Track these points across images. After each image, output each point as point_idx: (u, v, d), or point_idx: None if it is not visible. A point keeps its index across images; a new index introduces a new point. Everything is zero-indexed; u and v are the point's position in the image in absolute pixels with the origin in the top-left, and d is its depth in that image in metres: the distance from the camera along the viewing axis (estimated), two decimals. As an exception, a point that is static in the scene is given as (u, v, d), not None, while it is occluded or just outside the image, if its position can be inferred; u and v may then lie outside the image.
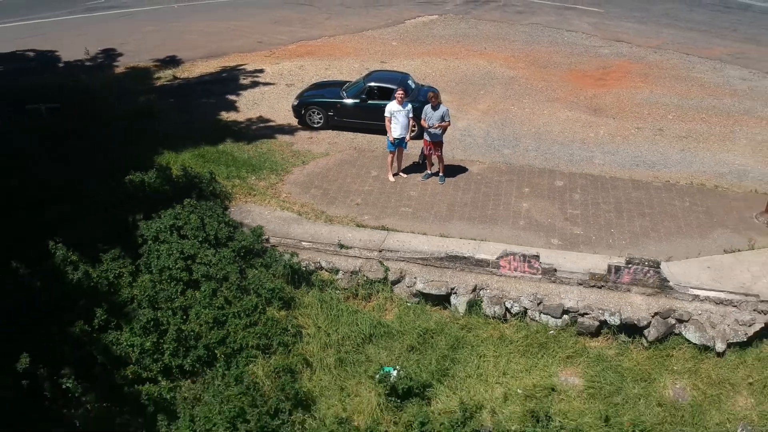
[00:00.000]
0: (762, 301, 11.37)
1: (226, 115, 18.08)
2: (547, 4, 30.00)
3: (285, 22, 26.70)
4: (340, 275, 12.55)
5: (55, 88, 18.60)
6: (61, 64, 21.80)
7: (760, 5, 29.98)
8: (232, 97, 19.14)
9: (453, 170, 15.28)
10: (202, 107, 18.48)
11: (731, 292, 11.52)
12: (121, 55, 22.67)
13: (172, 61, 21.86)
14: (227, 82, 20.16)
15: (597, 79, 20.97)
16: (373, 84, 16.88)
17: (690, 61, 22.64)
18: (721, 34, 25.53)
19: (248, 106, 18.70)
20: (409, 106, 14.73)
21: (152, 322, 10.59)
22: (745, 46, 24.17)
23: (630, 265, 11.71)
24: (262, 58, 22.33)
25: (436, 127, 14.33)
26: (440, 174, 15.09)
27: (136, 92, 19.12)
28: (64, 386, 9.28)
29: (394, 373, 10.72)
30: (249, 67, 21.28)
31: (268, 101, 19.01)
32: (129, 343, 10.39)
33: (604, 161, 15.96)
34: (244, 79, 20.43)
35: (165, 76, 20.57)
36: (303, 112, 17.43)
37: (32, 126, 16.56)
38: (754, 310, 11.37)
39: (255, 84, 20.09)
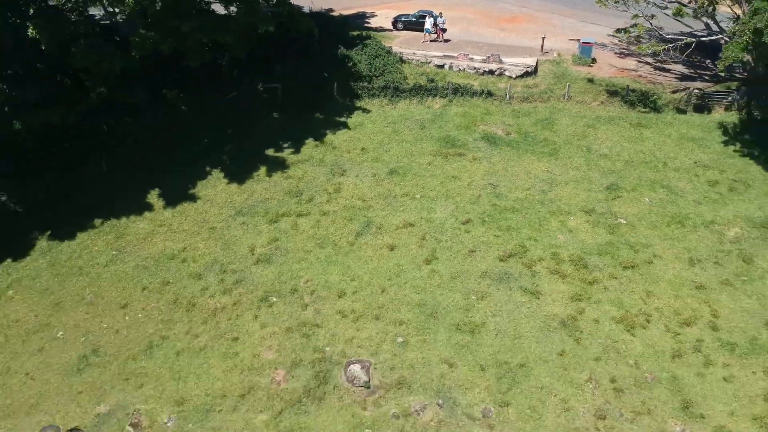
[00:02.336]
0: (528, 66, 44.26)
1: (365, 25, 51.22)
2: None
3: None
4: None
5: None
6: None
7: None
8: (367, 20, 52.28)
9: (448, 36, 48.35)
10: (356, 23, 51.58)
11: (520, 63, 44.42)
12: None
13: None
14: (362, 16, 53.22)
15: (508, 20, 53.78)
16: (417, 14, 49.89)
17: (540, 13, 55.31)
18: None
19: (373, 23, 51.77)
20: (432, 19, 47.65)
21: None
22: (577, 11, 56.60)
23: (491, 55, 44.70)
24: (374, 8, 55.46)
25: (441, 24, 47.28)
26: (443, 39, 47.94)
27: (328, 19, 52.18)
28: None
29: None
30: (370, 11, 54.36)
31: (380, 21, 52.14)
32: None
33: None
34: (369, 15, 53.52)
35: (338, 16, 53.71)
36: (394, 23, 50.51)
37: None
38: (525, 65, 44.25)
39: (373, 15, 53.20)
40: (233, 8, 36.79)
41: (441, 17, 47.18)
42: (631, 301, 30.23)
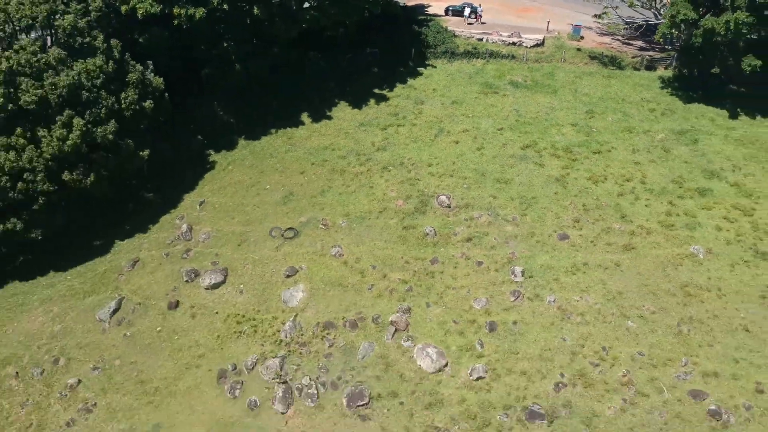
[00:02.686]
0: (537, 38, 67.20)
1: (426, 11, 74.13)
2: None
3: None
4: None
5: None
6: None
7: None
8: (426, 9, 75.20)
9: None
10: (420, 11, 74.45)
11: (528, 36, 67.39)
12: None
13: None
14: (422, 6, 76.08)
15: (522, 10, 76.69)
16: (462, 5, 72.93)
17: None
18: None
19: (430, 11, 74.71)
20: (469, 9, 70.59)
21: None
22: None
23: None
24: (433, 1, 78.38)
25: (480, 12, 70.29)
26: (480, 15, 70.72)
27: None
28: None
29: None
30: (426, 2, 77.11)
31: (434, 10, 75.06)
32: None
33: None
34: (427, 6, 76.36)
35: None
36: (446, 11, 73.44)
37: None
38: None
39: (429, 6, 76.12)
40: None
41: (480, 7, 70.20)
42: (596, 169, 53.13)
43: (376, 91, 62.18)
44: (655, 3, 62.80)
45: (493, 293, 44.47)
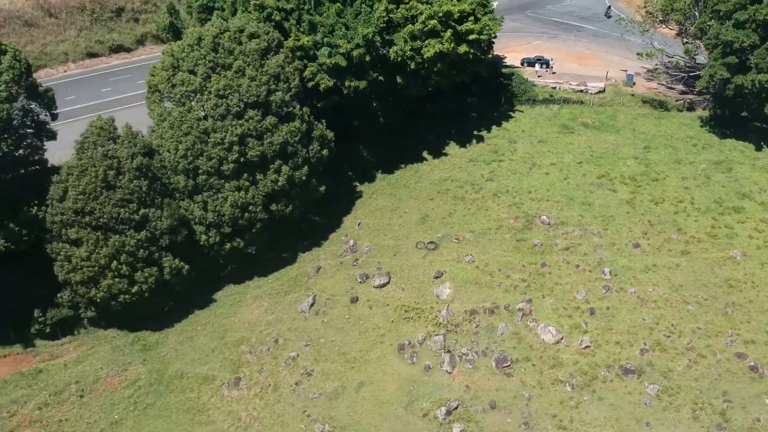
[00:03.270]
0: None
1: (503, 64, 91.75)
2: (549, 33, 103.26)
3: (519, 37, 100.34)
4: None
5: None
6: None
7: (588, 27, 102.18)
8: (504, 61, 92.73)
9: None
10: (499, 63, 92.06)
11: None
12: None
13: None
14: (500, 58, 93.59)
15: (582, 58, 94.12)
16: (535, 57, 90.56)
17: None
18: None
19: (507, 62, 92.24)
20: (539, 63, 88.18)
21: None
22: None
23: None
24: (503, 51, 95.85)
25: (551, 64, 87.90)
26: (552, 67, 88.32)
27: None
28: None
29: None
30: (502, 54, 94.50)
31: (510, 61, 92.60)
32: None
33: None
34: (503, 58, 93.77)
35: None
36: (522, 63, 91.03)
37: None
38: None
39: (505, 57, 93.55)
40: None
41: (551, 60, 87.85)
42: (656, 193, 70.43)
43: (476, 132, 79.89)
44: (694, 57, 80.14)
45: (589, 288, 61.99)
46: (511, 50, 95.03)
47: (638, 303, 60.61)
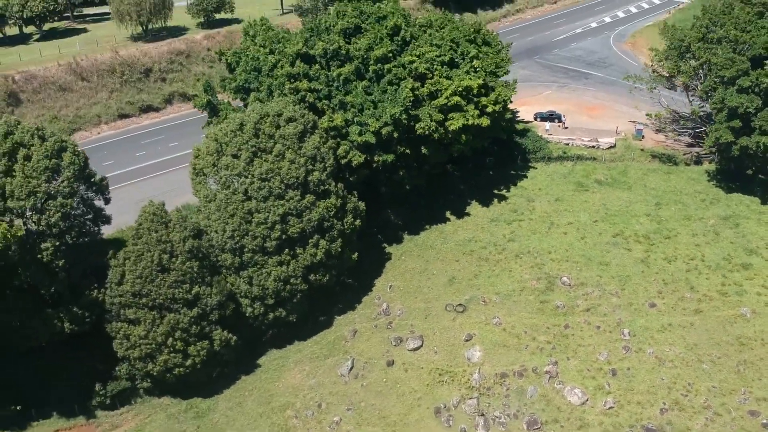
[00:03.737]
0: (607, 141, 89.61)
1: (516, 118, 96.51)
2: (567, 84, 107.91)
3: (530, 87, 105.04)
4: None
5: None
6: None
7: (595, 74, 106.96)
8: (517, 116, 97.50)
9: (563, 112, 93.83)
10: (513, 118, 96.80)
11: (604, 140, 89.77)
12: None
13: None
14: (515, 112, 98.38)
15: (591, 109, 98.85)
16: (547, 112, 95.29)
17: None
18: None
19: (520, 116, 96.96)
20: (550, 120, 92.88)
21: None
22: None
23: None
24: (514, 105, 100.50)
25: (563, 119, 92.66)
26: (564, 122, 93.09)
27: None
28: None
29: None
30: (515, 108, 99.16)
31: (523, 115, 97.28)
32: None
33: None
34: (516, 112, 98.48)
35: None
36: (534, 117, 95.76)
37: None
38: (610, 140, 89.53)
39: (518, 111, 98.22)
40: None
41: (564, 116, 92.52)
42: (668, 251, 75.01)
43: (496, 191, 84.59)
44: (700, 117, 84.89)
45: (610, 348, 66.60)
46: (523, 102, 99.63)
47: (656, 363, 65.13)
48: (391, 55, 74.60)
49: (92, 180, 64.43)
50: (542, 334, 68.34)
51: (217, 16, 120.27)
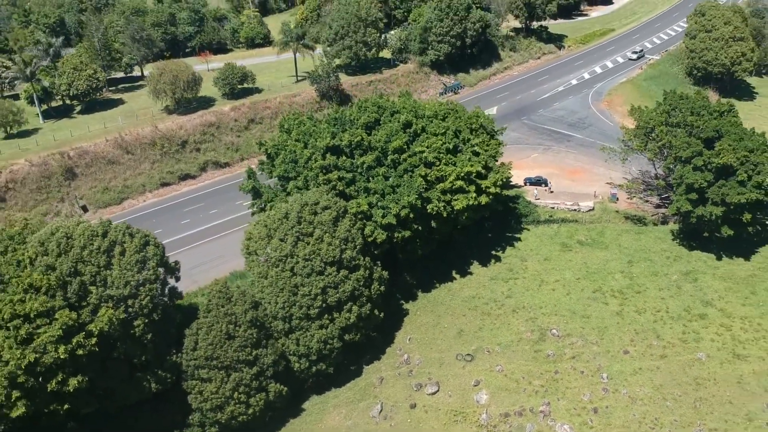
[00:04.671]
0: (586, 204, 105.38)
1: (510, 181, 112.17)
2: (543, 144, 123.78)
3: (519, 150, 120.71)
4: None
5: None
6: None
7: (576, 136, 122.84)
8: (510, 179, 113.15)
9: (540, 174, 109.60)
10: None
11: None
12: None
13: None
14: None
15: (572, 172, 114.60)
16: (535, 177, 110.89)
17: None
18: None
19: (514, 179, 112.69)
20: (536, 187, 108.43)
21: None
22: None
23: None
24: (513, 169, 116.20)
25: (549, 185, 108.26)
26: (550, 186, 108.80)
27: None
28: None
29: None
30: (517, 177, 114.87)
31: (514, 180, 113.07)
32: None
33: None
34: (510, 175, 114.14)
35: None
36: (524, 182, 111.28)
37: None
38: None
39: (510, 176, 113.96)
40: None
41: (549, 181, 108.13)
42: (639, 304, 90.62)
43: (494, 252, 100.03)
44: (665, 187, 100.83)
45: (592, 390, 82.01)
46: (515, 165, 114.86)
47: (629, 401, 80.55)
48: (405, 146, 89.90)
49: (168, 265, 79.08)
50: (537, 378, 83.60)
51: (239, 86, 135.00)
